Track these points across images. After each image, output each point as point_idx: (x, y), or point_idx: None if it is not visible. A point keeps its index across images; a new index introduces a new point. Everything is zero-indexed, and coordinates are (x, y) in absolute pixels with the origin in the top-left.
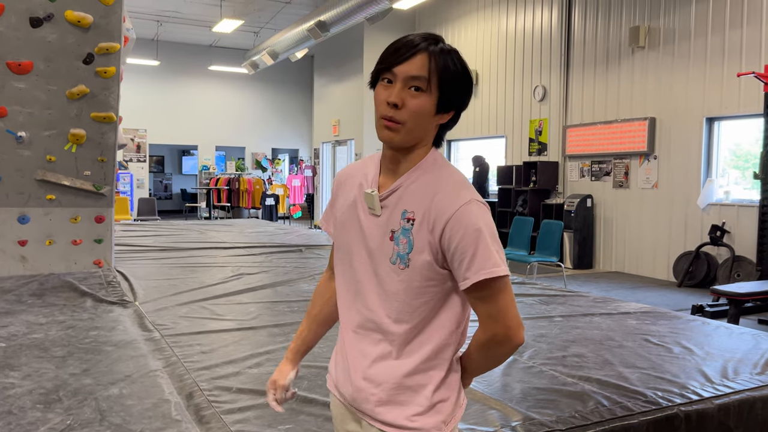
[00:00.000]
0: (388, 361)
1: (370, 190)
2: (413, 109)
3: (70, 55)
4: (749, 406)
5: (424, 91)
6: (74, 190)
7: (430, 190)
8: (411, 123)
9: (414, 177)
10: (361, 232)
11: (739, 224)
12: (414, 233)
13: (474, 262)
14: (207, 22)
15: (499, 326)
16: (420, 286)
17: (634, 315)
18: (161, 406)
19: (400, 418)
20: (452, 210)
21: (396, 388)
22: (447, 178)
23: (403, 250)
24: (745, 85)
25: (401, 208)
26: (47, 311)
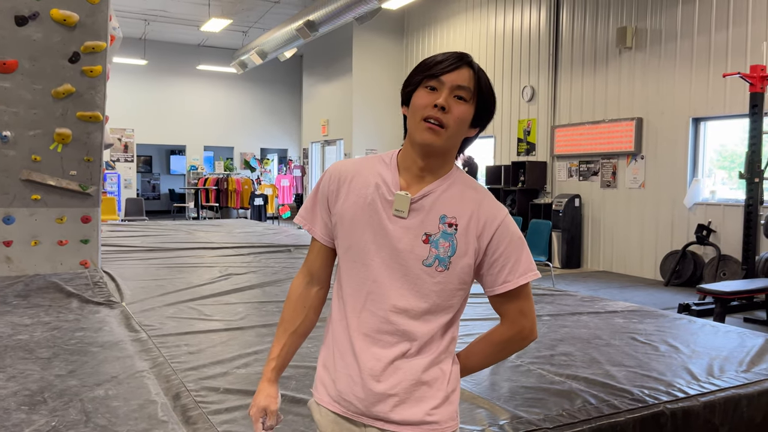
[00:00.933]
0: (406, 360)
1: (404, 192)
2: (458, 115)
3: (56, 54)
4: (734, 403)
5: (467, 102)
6: (60, 190)
7: (471, 198)
8: (453, 128)
9: (447, 184)
10: (383, 233)
11: (724, 224)
12: (458, 237)
13: (519, 266)
14: (195, 21)
15: (528, 321)
16: (455, 288)
17: (621, 314)
18: (148, 407)
19: (419, 414)
20: (501, 218)
21: (414, 386)
22: (483, 190)
23: (444, 253)
24: (730, 85)
25: (438, 213)
26: (32, 312)
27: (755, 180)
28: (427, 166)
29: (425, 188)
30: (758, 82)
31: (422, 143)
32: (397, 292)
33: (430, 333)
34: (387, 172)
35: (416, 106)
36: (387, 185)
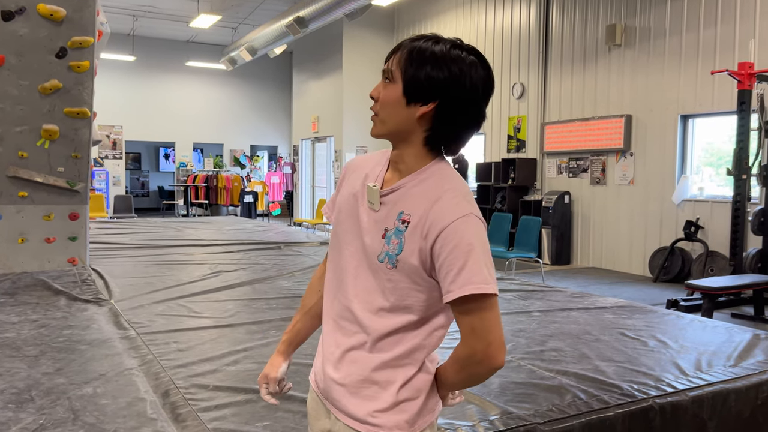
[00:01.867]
0: (359, 352)
1: (373, 184)
2: (382, 99)
3: (43, 50)
4: (722, 398)
5: (391, 82)
6: (47, 187)
7: (431, 195)
8: (382, 113)
9: (418, 180)
10: (358, 225)
11: (712, 220)
12: (406, 236)
13: (461, 276)
14: (184, 17)
15: (479, 343)
16: (407, 288)
17: (610, 309)
18: (136, 404)
19: (362, 412)
20: (449, 220)
21: (363, 381)
22: (452, 187)
23: (392, 251)
24: (719, 82)
25: (399, 208)
26: (19, 310)
27: (743, 177)
28: (397, 157)
29: (398, 182)
30: (746, 80)
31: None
32: (359, 283)
33: (385, 330)
34: (379, 164)
35: None
36: (371, 177)
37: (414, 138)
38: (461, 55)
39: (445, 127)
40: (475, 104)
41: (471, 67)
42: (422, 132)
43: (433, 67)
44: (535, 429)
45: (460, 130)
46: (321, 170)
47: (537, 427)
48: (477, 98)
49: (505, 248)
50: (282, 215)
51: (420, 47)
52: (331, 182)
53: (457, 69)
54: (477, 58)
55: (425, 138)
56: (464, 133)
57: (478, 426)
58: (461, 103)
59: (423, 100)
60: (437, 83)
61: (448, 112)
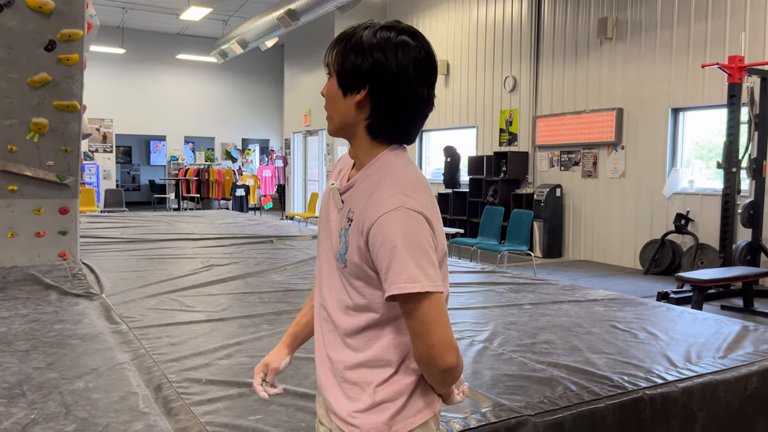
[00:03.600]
0: (336, 352)
1: (332, 182)
2: (326, 95)
3: (32, 42)
4: (712, 389)
5: (330, 76)
6: (37, 181)
7: (370, 190)
8: (329, 109)
9: (365, 175)
10: (328, 224)
11: (702, 213)
12: (350, 234)
13: (388, 275)
14: (174, 9)
15: (423, 345)
16: (359, 285)
17: (601, 302)
18: (128, 398)
19: (345, 412)
20: (375, 216)
21: (343, 381)
22: (390, 179)
23: (342, 249)
24: (709, 76)
25: (348, 206)
26: (10, 305)
27: (732, 170)
28: (353, 154)
29: (352, 180)
30: (736, 73)
31: None
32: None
33: (352, 328)
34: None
35: None
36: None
37: (358, 130)
38: (388, 36)
39: (381, 113)
40: (407, 86)
41: (398, 48)
42: (363, 122)
43: (357, 54)
44: (527, 421)
45: (398, 115)
46: (313, 164)
47: (528, 419)
48: (408, 79)
49: (496, 241)
50: (274, 209)
51: (347, 35)
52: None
53: (380, 53)
54: (409, 38)
55: (366, 127)
56: (405, 118)
57: (470, 418)
58: (391, 87)
59: (355, 89)
60: (362, 70)
61: (380, 97)
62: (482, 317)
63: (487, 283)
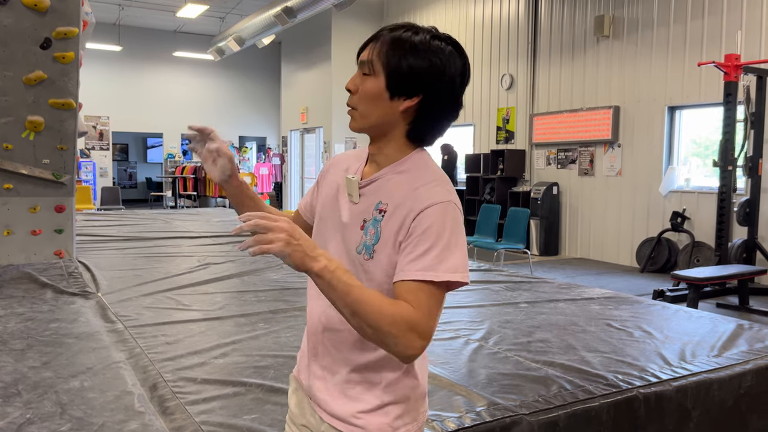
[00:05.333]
0: (343, 352)
1: (352, 175)
2: (362, 91)
3: (27, 40)
4: (706, 387)
5: (370, 75)
6: (33, 179)
7: (411, 184)
8: (362, 107)
9: (397, 171)
10: (339, 220)
11: (698, 211)
12: (383, 225)
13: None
14: (171, 6)
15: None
16: (381, 280)
17: (597, 300)
18: (124, 398)
19: (346, 413)
20: (426, 204)
21: (347, 381)
22: (431, 175)
23: (369, 241)
24: (705, 74)
25: (377, 198)
26: (5, 303)
27: (728, 168)
28: (376, 150)
29: (376, 174)
30: (732, 71)
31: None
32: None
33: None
34: (359, 158)
35: None
36: (349, 171)
37: (396, 132)
38: (441, 45)
39: (427, 119)
40: (455, 95)
41: (450, 57)
42: (404, 125)
43: (416, 58)
44: (521, 420)
45: (441, 122)
46: (310, 161)
47: (523, 417)
48: (456, 89)
49: (493, 239)
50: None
51: (401, 37)
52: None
53: (438, 60)
54: (454, 48)
55: (407, 131)
56: (445, 125)
57: (465, 417)
58: (443, 95)
59: (407, 94)
60: (421, 76)
61: (431, 104)
62: (478, 316)
63: (483, 281)
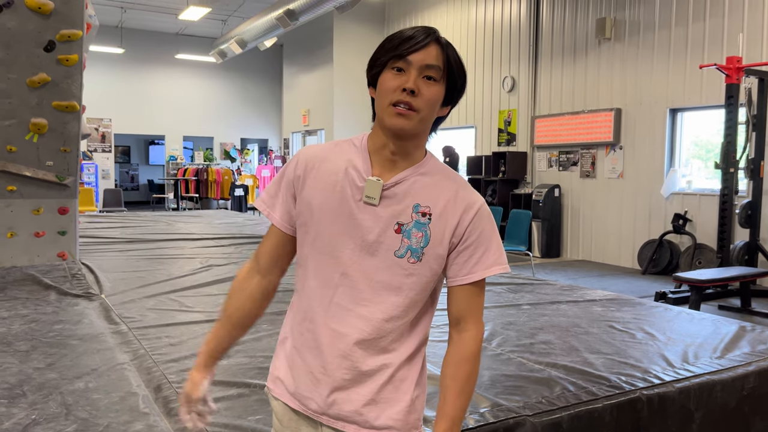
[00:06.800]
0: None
1: (375, 178)
2: (428, 97)
3: (31, 43)
4: (709, 389)
5: (437, 81)
6: (36, 181)
7: (447, 187)
8: (425, 111)
9: (422, 171)
10: (353, 223)
11: (700, 213)
12: (432, 227)
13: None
14: (173, 9)
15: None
16: (428, 280)
17: (599, 302)
18: (128, 399)
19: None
20: (479, 204)
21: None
22: (460, 179)
23: (416, 244)
24: (707, 76)
25: (411, 201)
26: (9, 305)
27: (730, 170)
28: (399, 149)
29: (398, 175)
30: (734, 74)
31: (392, 128)
32: (368, 285)
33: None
34: (358, 156)
35: (384, 90)
36: (357, 170)
37: (425, 135)
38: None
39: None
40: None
41: None
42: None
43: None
44: (525, 421)
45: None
46: None
47: (526, 419)
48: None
49: None
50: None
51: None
52: None
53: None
54: None
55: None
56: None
57: (469, 418)
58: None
59: (447, 104)
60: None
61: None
62: None
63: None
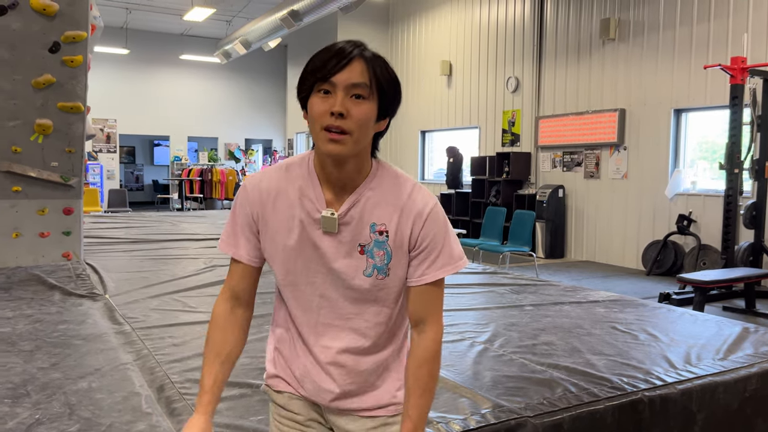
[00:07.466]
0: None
1: (329, 212)
2: (359, 117)
3: (36, 44)
4: (711, 390)
5: (366, 99)
6: (41, 182)
7: (397, 196)
8: (357, 132)
9: (371, 188)
10: (318, 253)
11: (705, 214)
12: (390, 244)
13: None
14: (178, 10)
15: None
16: (399, 287)
17: (602, 303)
18: (131, 399)
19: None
20: (428, 209)
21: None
22: (407, 182)
23: (380, 262)
24: (711, 77)
25: (367, 221)
26: (14, 305)
27: (735, 171)
28: (343, 174)
29: (349, 199)
30: (738, 74)
31: (328, 154)
32: (347, 301)
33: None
34: (308, 184)
35: (314, 115)
36: (311, 201)
37: (367, 150)
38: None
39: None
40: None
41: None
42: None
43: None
44: (526, 422)
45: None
46: None
47: (528, 420)
48: None
49: (499, 242)
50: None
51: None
52: None
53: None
54: None
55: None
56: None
57: (470, 419)
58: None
59: (385, 116)
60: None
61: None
62: (483, 318)
63: (489, 284)
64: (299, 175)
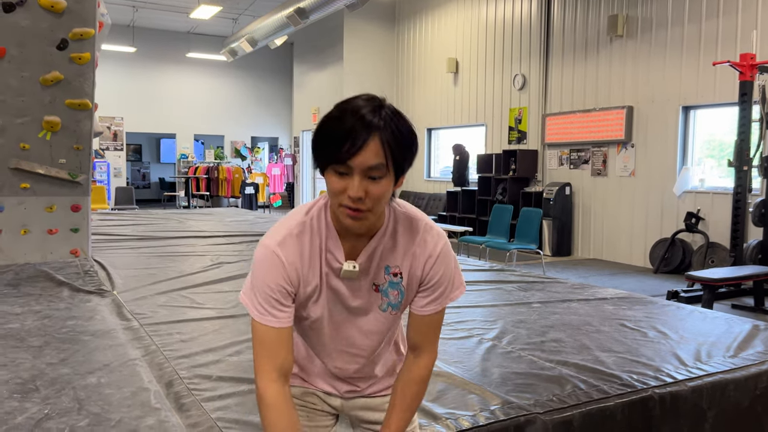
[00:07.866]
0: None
1: (351, 265)
2: (377, 194)
3: (44, 41)
4: (722, 388)
5: (383, 177)
6: (49, 179)
7: (409, 240)
8: (376, 207)
9: (387, 235)
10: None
11: (713, 211)
12: (405, 285)
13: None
14: (184, 8)
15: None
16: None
17: (610, 301)
18: (140, 394)
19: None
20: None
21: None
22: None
23: (395, 300)
24: (720, 74)
25: (382, 265)
26: (23, 301)
27: (744, 168)
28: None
29: (367, 248)
30: (747, 71)
31: (348, 228)
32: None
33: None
34: (327, 239)
35: (332, 190)
36: (332, 253)
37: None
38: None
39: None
40: None
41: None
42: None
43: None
44: (536, 419)
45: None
46: None
47: (537, 416)
48: None
49: (506, 240)
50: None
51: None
52: None
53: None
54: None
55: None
56: None
57: (479, 415)
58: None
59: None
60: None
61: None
62: (491, 315)
63: (496, 281)
64: (317, 234)
